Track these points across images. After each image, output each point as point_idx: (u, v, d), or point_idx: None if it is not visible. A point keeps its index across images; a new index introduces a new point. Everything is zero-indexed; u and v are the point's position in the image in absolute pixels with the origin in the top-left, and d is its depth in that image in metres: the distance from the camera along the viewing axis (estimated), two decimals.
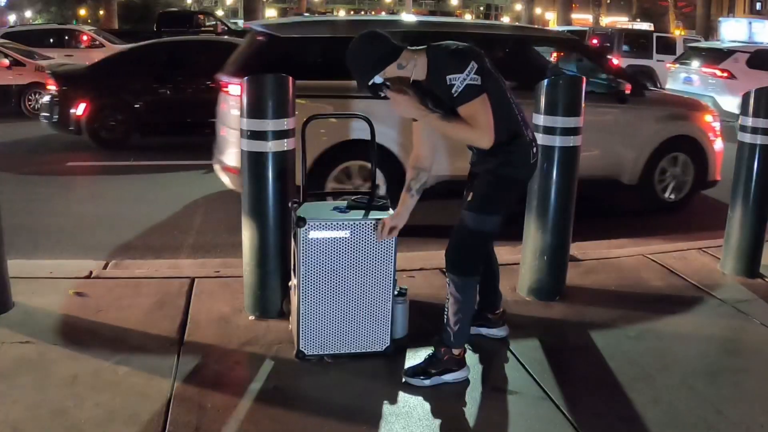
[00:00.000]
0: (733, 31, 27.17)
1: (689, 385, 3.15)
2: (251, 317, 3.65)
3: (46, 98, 9.31)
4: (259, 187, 3.51)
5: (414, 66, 2.83)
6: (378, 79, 2.80)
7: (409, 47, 2.85)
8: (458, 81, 2.71)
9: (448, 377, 3.07)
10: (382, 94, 2.84)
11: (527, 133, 2.96)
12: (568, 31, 20.42)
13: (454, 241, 3.05)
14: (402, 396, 2.99)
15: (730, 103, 11.46)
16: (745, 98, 4.35)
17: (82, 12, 36.77)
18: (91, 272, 4.23)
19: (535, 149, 3.00)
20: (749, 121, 4.31)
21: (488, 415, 2.90)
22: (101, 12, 31.80)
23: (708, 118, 6.49)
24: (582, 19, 43.89)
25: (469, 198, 3.02)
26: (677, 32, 30.41)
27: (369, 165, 4.64)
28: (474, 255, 3.06)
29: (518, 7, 48.29)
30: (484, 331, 3.52)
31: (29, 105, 12.12)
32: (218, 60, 6.28)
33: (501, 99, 2.88)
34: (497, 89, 2.86)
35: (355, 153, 5.27)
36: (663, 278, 4.42)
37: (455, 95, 2.74)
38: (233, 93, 5.19)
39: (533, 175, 3.17)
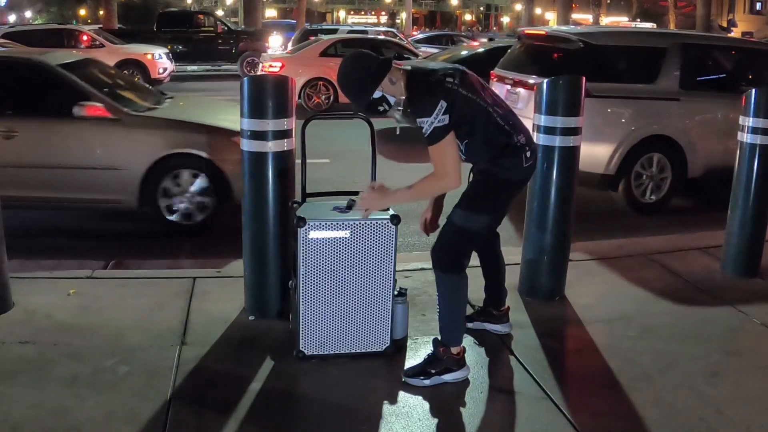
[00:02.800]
0: None
1: (689, 385, 3.15)
2: (251, 317, 3.65)
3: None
4: (259, 187, 3.51)
5: (401, 83, 2.89)
6: (377, 93, 2.86)
7: (394, 62, 2.91)
8: (426, 124, 2.80)
9: (448, 377, 3.07)
10: (381, 108, 2.91)
11: (518, 139, 2.97)
12: None
13: (441, 238, 3.07)
14: (402, 396, 2.99)
15: None
16: (746, 99, 4.35)
17: (82, 12, 36.79)
18: (91, 272, 4.23)
19: (529, 153, 2.99)
20: (749, 121, 4.31)
21: (488, 415, 2.90)
22: (101, 12, 31.80)
23: None
24: (582, 19, 43.90)
25: (461, 196, 3.04)
26: None
27: (661, 155, 6.28)
28: (459, 253, 3.06)
29: (518, 7, 48.27)
30: (488, 326, 3.54)
31: None
32: None
33: (483, 118, 2.90)
34: (477, 111, 2.89)
35: (657, 146, 6.26)
36: (663, 278, 4.42)
37: (425, 135, 2.83)
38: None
39: (530, 177, 3.17)
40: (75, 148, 5.23)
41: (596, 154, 5.99)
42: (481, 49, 11.39)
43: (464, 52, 11.26)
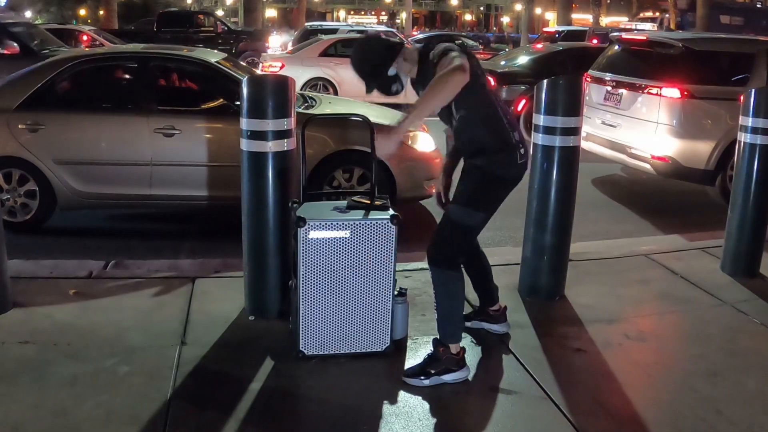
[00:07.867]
0: None
1: (689, 385, 3.15)
2: (251, 317, 3.65)
3: None
4: (259, 187, 3.51)
5: (414, 56, 2.95)
6: (392, 71, 2.91)
7: (406, 45, 2.96)
8: (449, 58, 2.75)
9: (448, 377, 3.07)
10: (395, 89, 2.95)
11: (513, 135, 3.01)
12: (567, 31, 20.30)
13: (437, 234, 3.09)
14: (402, 396, 2.99)
15: None
16: (746, 98, 4.35)
17: (82, 12, 36.77)
18: (91, 272, 4.23)
19: (522, 150, 3.03)
20: (749, 121, 4.32)
21: (488, 415, 2.90)
22: (101, 12, 31.78)
23: None
24: (582, 19, 43.94)
25: (457, 192, 3.07)
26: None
27: None
28: (455, 249, 3.09)
29: (518, 7, 48.28)
30: (486, 326, 3.55)
31: None
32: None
33: (489, 103, 2.96)
34: (485, 94, 2.94)
35: None
36: (663, 278, 4.42)
37: (436, 62, 2.77)
38: (667, 95, 6.46)
39: (524, 175, 3.18)
40: None
41: (699, 150, 6.42)
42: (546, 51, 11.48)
43: (531, 56, 11.31)
